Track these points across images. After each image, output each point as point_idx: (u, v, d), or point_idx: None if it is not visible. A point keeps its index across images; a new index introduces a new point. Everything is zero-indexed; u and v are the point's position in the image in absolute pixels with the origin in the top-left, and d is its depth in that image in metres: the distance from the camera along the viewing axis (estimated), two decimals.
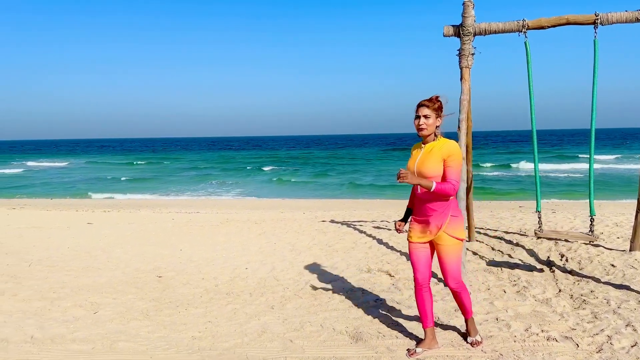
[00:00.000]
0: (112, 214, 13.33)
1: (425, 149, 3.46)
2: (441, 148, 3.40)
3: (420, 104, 3.45)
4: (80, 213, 13.38)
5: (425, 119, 3.40)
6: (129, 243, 8.24)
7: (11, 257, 7.07)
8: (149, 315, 4.66)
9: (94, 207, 16.66)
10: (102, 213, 13.42)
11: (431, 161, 3.38)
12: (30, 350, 3.73)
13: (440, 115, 3.46)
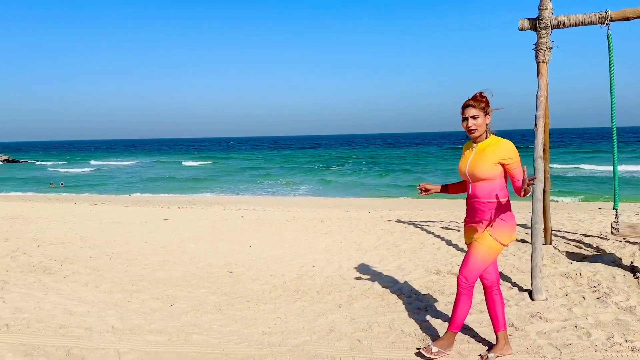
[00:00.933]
0: (186, 210, 13.90)
1: (477, 149, 3.35)
2: (494, 149, 3.28)
3: (466, 105, 3.34)
4: (157, 209, 14.05)
5: (474, 120, 3.29)
6: (201, 238, 8.55)
7: (94, 250, 7.54)
8: (221, 309, 4.81)
9: (169, 204, 17.45)
10: (177, 210, 14.03)
11: (484, 162, 3.28)
12: (112, 339, 3.95)
13: (488, 112, 3.33)
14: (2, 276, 5.78)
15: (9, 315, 4.41)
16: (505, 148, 3.26)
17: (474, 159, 3.34)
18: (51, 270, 6.20)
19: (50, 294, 5.15)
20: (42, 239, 8.28)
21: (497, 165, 3.26)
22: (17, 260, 6.65)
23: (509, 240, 3.37)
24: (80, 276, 5.96)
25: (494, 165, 3.26)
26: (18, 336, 3.91)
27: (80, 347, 3.71)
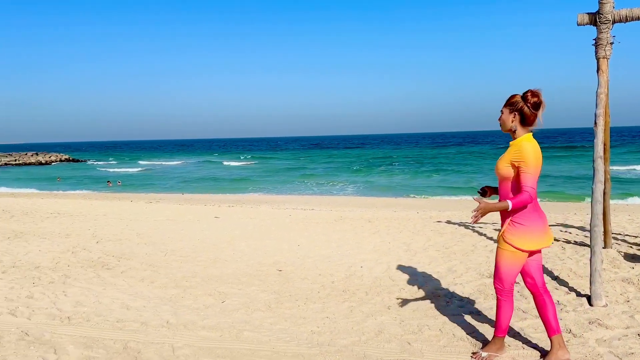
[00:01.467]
0: (236, 209, 14.17)
1: (509, 147, 3.35)
2: (512, 149, 3.24)
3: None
4: (208, 208, 14.40)
5: (500, 116, 3.33)
6: (251, 237, 8.70)
7: (150, 247, 7.81)
8: (271, 307, 4.87)
9: (219, 202, 17.85)
10: (227, 208, 14.33)
11: (501, 161, 3.29)
12: (166, 334, 4.08)
13: (514, 111, 3.24)
14: (64, 271, 6.08)
15: (71, 308, 4.64)
16: (520, 149, 3.18)
17: (501, 156, 3.35)
18: (109, 265, 6.47)
19: (109, 289, 5.37)
20: (100, 236, 8.66)
21: (509, 165, 3.22)
22: (78, 255, 6.98)
23: (530, 246, 3.24)
24: (136, 272, 6.19)
25: (507, 165, 3.22)
26: (79, 329, 4.10)
27: (136, 341, 3.86)
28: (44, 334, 3.90)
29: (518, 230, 3.24)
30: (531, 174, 3.12)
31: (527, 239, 3.23)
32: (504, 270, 3.34)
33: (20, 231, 8.92)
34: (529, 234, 3.23)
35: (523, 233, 3.22)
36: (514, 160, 3.18)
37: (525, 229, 3.22)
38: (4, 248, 7.30)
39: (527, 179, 3.12)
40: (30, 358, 3.43)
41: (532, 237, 3.23)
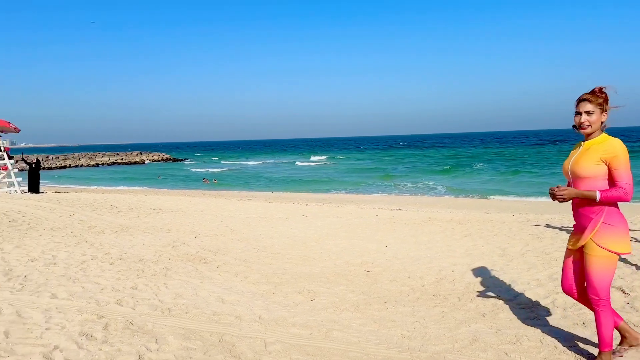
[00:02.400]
0: (323, 207, 14.32)
1: (584, 147, 3.15)
2: (601, 147, 3.05)
3: (582, 99, 3.15)
4: (296, 206, 14.69)
5: (588, 116, 3.10)
6: (338, 236, 8.73)
7: (243, 243, 8.10)
8: (360, 308, 4.84)
9: (307, 201, 18.15)
10: (314, 207, 14.52)
11: (587, 160, 3.08)
12: (259, 329, 4.18)
13: (605, 109, 3.09)
14: (165, 264, 6.46)
15: (171, 300, 4.90)
16: (613, 145, 3.04)
17: (578, 157, 3.19)
18: (206, 260, 6.78)
19: (206, 282, 5.62)
20: (198, 231, 9.11)
21: (601, 163, 3.06)
22: (178, 249, 7.39)
23: (622, 248, 3.07)
24: (231, 267, 6.43)
25: (598, 163, 3.07)
26: (178, 320, 4.32)
27: (231, 335, 3.99)
28: (146, 324, 4.15)
29: (612, 232, 3.08)
30: (627, 170, 3.01)
31: (622, 241, 3.09)
32: (598, 279, 3.14)
33: (126, 225, 9.62)
34: (620, 235, 3.09)
35: (617, 234, 3.08)
36: (605, 158, 3.03)
37: (618, 230, 3.08)
38: (112, 241, 7.91)
39: (623, 175, 3.00)
40: (134, 346, 3.67)
41: (622, 238, 3.09)
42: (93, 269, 6.03)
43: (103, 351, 3.54)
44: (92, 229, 9.06)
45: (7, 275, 5.52)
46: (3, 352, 3.43)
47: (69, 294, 4.92)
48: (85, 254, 6.85)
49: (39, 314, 4.25)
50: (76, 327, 3.99)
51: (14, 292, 4.88)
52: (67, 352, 3.50)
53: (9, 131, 18.75)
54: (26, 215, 10.46)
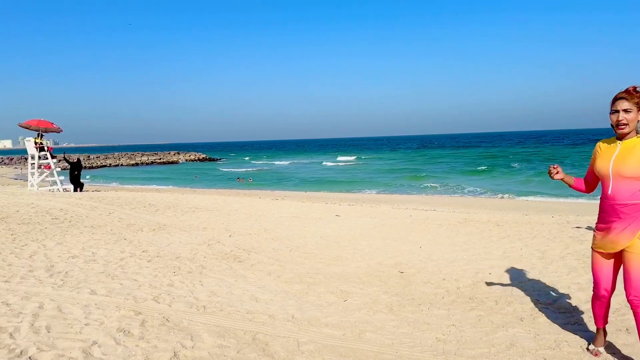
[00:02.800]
0: (356, 207, 14.27)
1: (624, 146, 3.08)
2: None
3: (618, 97, 3.08)
4: (329, 206, 14.68)
5: (626, 114, 3.04)
6: (371, 236, 8.67)
7: (276, 242, 8.14)
8: (393, 309, 4.79)
9: (340, 201, 18.12)
10: (347, 207, 14.48)
11: (634, 160, 3.02)
12: (292, 328, 4.19)
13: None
14: (200, 262, 6.55)
15: (206, 298, 4.96)
16: None
17: (621, 156, 3.10)
18: (240, 258, 6.84)
19: (240, 281, 5.67)
20: (233, 230, 9.21)
21: None
22: (213, 248, 7.48)
23: None
24: (264, 266, 6.47)
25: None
26: (213, 318, 4.37)
27: (264, 333, 4.00)
28: (182, 321, 4.22)
29: None
30: None
31: None
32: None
33: (163, 224, 9.82)
34: None
35: None
36: None
37: None
38: (150, 239, 8.08)
39: None
40: (170, 343, 3.72)
41: None
42: (131, 266, 6.17)
43: (140, 347, 3.61)
44: (130, 226, 9.28)
45: (49, 272, 5.71)
46: (45, 346, 3.54)
47: (107, 290, 5.05)
48: (123, 251, 7.02)
49: (79, 310, 4.37)
50: (114, 323, 4.08)
51: (55, 288, 5.04)
52: (105, 347, 3.58)
53: (52, 131, 19.42)
54: (68, 213, 10.81)
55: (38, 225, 9.02)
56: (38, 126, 18.55)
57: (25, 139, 19.01)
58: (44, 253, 6.69)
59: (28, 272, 5.66)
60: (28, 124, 18.50)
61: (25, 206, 11.77)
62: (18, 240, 7.55)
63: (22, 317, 4.12)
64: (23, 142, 18.98)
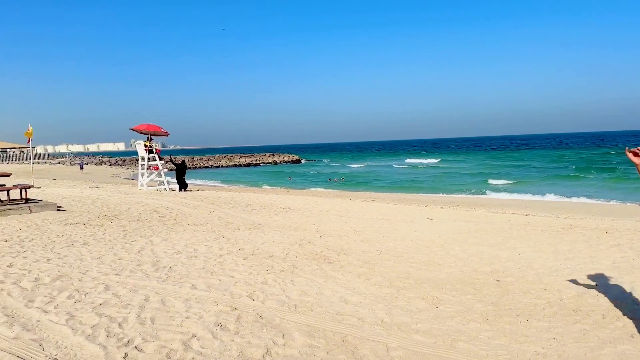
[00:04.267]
0: (449, 210, 13.86)
1: None
2: None
3: None
4: (421, 208, 14.39)
5: None
6: (466, 241, 8.37)
7: (365, 244, 8.13)
8: (488, 319, 4.58)
9: (432, 203, 17.70)
10: (440, 210, 14.11)
11: None
12: (380, 332, 4.15)
13: None
14: (292, 261, 6.71)
15: (297, 297, 5.07)
16: None
17: None
18: (330, 259, 6.91)
19: (329, 282, 5.73)
20: (323, 231, 9.34)
21: None
22: (304, 248, 7.64)
23: None
24: (354, 267, 6.49)
25: None
26: (303, 317, 4.45)
27: (353, 336, 4.01)
28: (274, 318, 4.34)
29: None
30: None
31: None
32: None
33: (258, 223, 10.19)
34: None
35: None
36: None
37: None
38: (246, 237, 8.42)
39: None
40: (262, 339, 3.85)
41: None
42: (229, 263, 6.46)
43: (235, 342, 3.77)
44: (229, 225, 9.74)
45: (155, 266, 6.15)
46: (149, 337, 3.81)
47: (207, 285, 5.33)
48: (222, 248, 7.38)
49: (180, 303, 4.65)
50: (212, 317, 4.30)
51: (160, 282, 5.42)
52: (203, 340, 3.78)
53: (160, 135, 20.92)
54: (173, 211, 11.58)
55: (146, 223, 9.75)
56: (147, 130, 20.08)
57: (136, 141, 20.67)
58: (150, 249, 7.21)
59: (136, 266, 6.14)
60: (138, 128, 20.08)
61: (135, 204, 12.79)
62: (128, 236, 8.22)
63: (130, 308, 4.47)
64: (134, 145, 20.63)
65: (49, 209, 10.97)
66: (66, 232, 8.35)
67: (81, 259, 6.45)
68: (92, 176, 38.71)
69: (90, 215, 10.49)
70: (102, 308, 4.47)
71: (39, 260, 6.30)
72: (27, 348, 3.56)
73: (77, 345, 3.63)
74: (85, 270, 5.87)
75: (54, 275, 5.56)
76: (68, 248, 7.09)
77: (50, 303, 4.58)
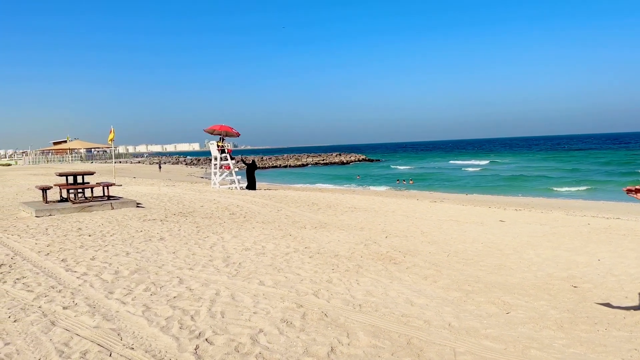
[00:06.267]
0: (523, 213, 13.29)
1: None
2: None
3: None
4: (492, 210, 13.90)
5: None
6: (540, 245, 8.00)
7: (433, 246, 7.97)
8: (563, 327, 4.36)
9: (505, 205, 17.04)
10: (513, 212, 13.56)
11: None
12: (447, 337, 4.06)
13: None
14: (357, 261, 6.71)
15: (362, 297, 5.07)
16: None
17: None
18: (396, 260, 6.85)
19: (395, 283, 5.68)
20: (389, 231, 9.27)
21: None
22: (369, 248, 7.61)
23: None
24: (420, 269, 6.38)
25: None
26: (368, 317, 4.45)
27: (419, 339, 3.95)
28: (339, 317, 4.37)
29: None
30: None
31: None
32: None
33: (324, 222, 10.27)
34: None
35: None
36: None
37: None
38: (312, 236, 8.52)
39: None
40: (327, 337, 3.88)
41: None
42: (295, 260, 6.57)
43: (300, 339, 3.83)
44: (295, 223, 9.90)
45: (225, 262, 6.37)
46: (219, 330, 3.96)
47: (274, 282, 5.46)
48: (289, 246, 7.52)
49: (249, 299, 4.79)
50: (278, 313, 4.40)
51: (230, 277, 5.61)
52: (270, 336, 3.88)
53: (231, 135, 21.61)
54: (243, 209, 11.93)
55: (218, 220, 10.12)
56: (220, 130, 20.81)
57: (210, 142, 21.45)
58: (222, 245, 7.48)
59: (208, 261, 6.39)
60: (212, 128, 20.85)
61: (208, 202, 13.30)
62: (201, 232, 8.56)
63: (202, 302, 4.67)
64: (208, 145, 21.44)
65: (129, 205, 11.65)
66: (144, 228, 8.84)
67: (157, 253, 6.80)
68: (169, 175, 40.67)
69: (167, 212, 11.03)
70: (175, 301, 4.70)
71: (118, 254, 6.72)
72: (107, 337, 3.80)
73: (152, 336, 3.84)
74: (161, 264, 6.19)
75: (132, 269, 5.91)
76: (146, 243, 7.50)
77: (129, 295, 4.88)
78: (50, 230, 8.46)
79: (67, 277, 5.51)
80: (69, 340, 3.74)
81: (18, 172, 31.80)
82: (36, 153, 63.74)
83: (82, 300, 4.68)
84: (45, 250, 6.87)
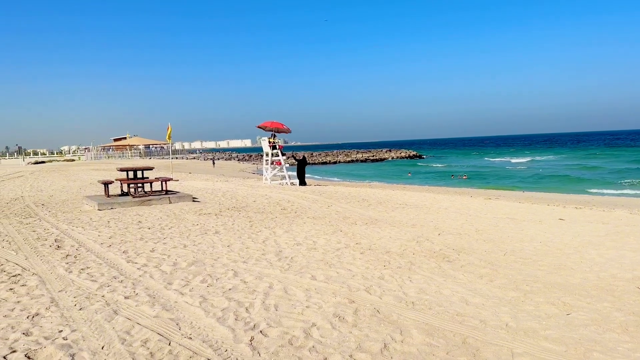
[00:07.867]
0: (584, 211, 12.72)
1: None
2: None
3: None
4: (552, 208, 13.38)
5: None
6: (603, 245, 7.63)
7: (488, 244, 7.76)
8: (628, 330, 4.15)
9: (565, 203, 16.37)
10: (573, 210, 13.01)
11: None
12: (504, 337, 3.95)
13: None
14: (409, 258, 6.64)
15: (415, 294, 5.01)
16: None
17: None
18: (449, 258, 6.72)
19: (449, 281, 5.58)
20: (442, 228, 9.10)
21: None
22: (422, 245, 7.51)
23: None
24: (475, 268, 6.24)
25: None
26: (421, 315, 4.39)
27: (474, 338, 3.87)
28: (391, 314, 4.34)
29: None
30: None
31: None
32: None
33: (375, 218, 10.22)
34: None
35: None
36: None
37: None
38: (363, 232, 8.49)
39: None
40: (380, 334, 3.87)
41: None
42: (346, 256, 6.58)
43: (353, 334, 3.84)
44: (346, 219, 9.90)
45: (277, 256, 6.46)
46: (273, 323, 4.03)
47: (325, 277, 5.48)
48: (340, 242, 7.53)
49: (301, 293, 4.84)
50: (330, 308, 4.42)
51: (282, 271, 5.68)
52: (323, 330, 3.90)
53: (282, 132, 21.85)
54: (294, 204, 12.05)
55: (270, 215, 10.27)
56: (272, 127, 21.09)
57: (261, 138, 21.82)
58: (274, 239, 7.59)
59: (261, 255, 6.50)
60: (264, 125, 21.17)
61: (260, 197, 13.52)
62: (254, 227, 8.72)
63: (256, 294, 4.76)
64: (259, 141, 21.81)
65: (186, 200, 12.03)
66: (200, 222, 9.10)
67: (213, 246, 6.99)
68: (222, 170, 41.62)
69: (221, 207, 11.31)
70: (231, 293, 4.81)
71: (176, 246, 6.96)
72: (166, 326, 3.95)
73: (209, 326, 3.95)
74: (217, 257, 6.35)
75: (189, 261, 6.11)
76: (202, 236, 7.72)
77: (186, 286, 5.04)
78: (112, 223, 8.86)
79: (128, 268, 5.75)
80: (131, 328, 3.91)
81: (81, 167, 33.49)
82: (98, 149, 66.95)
83: (142, 291, 4.88)
84: (107, 242, 7.20)
